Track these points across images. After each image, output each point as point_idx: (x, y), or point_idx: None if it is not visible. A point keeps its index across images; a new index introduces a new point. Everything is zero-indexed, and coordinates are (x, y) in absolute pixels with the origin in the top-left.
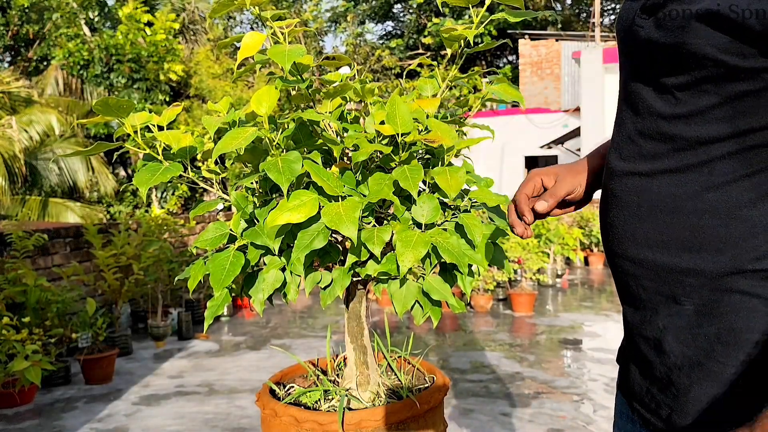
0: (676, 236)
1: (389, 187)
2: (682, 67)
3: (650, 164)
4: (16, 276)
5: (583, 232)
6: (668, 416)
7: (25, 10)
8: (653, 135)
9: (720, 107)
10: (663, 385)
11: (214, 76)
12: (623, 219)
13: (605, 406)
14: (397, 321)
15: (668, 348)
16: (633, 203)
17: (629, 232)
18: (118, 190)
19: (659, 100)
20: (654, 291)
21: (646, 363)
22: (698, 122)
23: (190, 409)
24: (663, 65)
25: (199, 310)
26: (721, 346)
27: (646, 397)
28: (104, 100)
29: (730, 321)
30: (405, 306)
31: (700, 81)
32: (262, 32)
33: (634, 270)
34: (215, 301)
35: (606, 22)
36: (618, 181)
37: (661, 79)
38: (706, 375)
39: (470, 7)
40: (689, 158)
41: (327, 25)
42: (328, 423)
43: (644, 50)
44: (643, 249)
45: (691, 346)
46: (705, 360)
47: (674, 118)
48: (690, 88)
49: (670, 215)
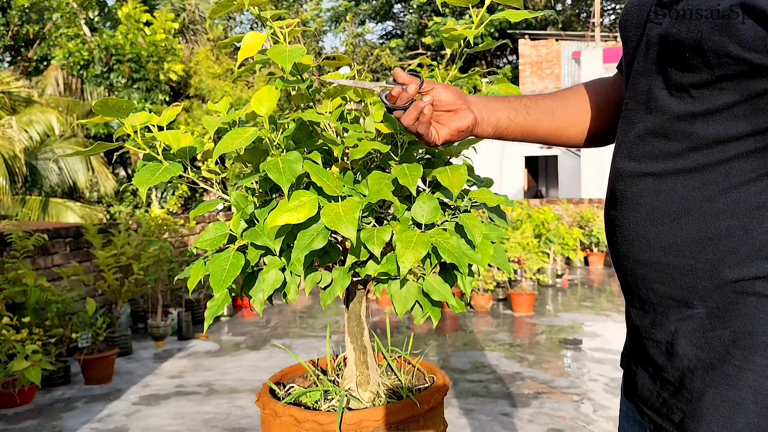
0: (692, 238)
1: (389, 186)
2: (700, 65)
3: (664, 164)
4: (16, 276)
5: (583, 232)
6: (681, 420)
7: (25, 10)
8: (667, 134)
9: (740, 105)
10: (675, 389)
11: (214, 76)
12: (634, 221)
13: (605, 406)
14: (397, 321)
15: (681, 351)
16: (645, 205)
17: (640, 235)
18: (118, 190)
19: (674, 99)
20: (664, 294)
21: (655, 367)
22: (716, 120)
23: (190, 409)
24: (679, 63)
25: (199, 310)
26: (736, 349)
27: (657, 402)
28: (104, 101)
29: (746, 324)
30: (405, 306)
31: (720, 79)
32: (262, 32)
33: (644, 273)
34: (215, 302)
35: (606, 22)
36: (628, 182)
37: (676, 77)
38: (722, 378)
39: (470, 7)
40: (706, 157)
41: (327, 25)
42: (328, 423)
43: (659, 47)
44: (655, 251)
45: (705, 349)
46: (720, 363)
47: (690, 116)
48: (708, 86)
49: (685, 216)
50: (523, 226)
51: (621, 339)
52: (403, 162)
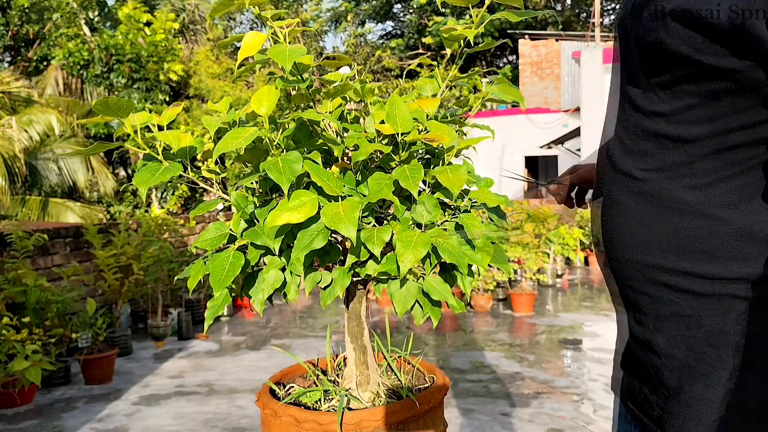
0: (662, 237)
1: (389, 186)
2: (663, 65)
3: (637, 163)
4: (16, 276)
5: (583, 232)
6: (659, 417)
7: (25, 10)
8: (638, 133)
9: (699, 107)
10: (653, 385)
11: (214, 76)
12: (611, 219)
13: (605, 406)
14: (397, 321)
15: (659, 349)
16: (621, 203)
17: (617, 233)
18: (118, 190)
19: (644, 98)
20: (641, 292)
21: (638, 364)
22: (680, 121)
23: (190, 409)
24: (647, 63)
25: (199, 310)
26: (710, 349)
27: (638, 397)
28: (104, 100)
29: (719, 324)
30: (405, 306)
31: (679, 80)
32: (262, 32)
33: (622, 271)
34: (215, 302)
35: (606, 22)
36: (609, 179)
37: (647, 78)
38: (697, 377)
39: (470, 7)
40: (673, 157)
41: (327, 25)
42: (328, 423)
43: (632, 49)
44: (629, 250)
45: (681, 348)
46: (695, 362)
47: (657, 116)
48: (671, 87)
49: (655, 215)
50: (523, 226)
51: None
52: (404, 163)
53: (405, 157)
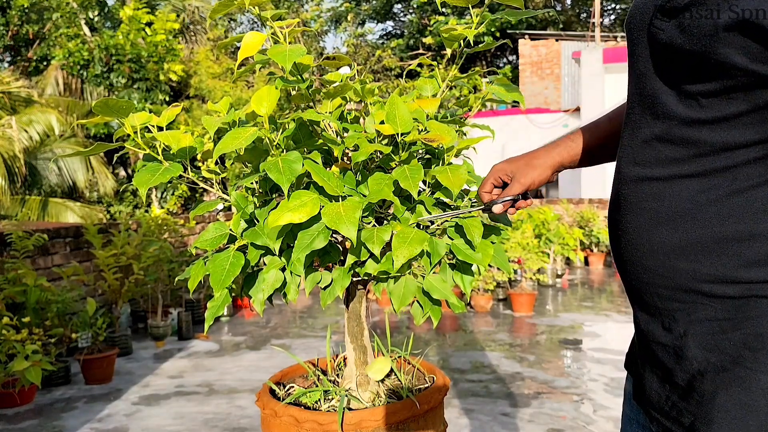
0: (697, 242)
1: (389, 187)
2: (708, 74)
3: (669, 169)
4: (16, 276)
5: (583, 232)
6: (691, 424)
7: (25, 10)
8: (674, 140)
9: (749, 114)
10: (684, 392)
11: (214, 76)
12: (638, 225)
13: (605, 406)
14: (397, 321)
15: (690, 354)
16: (649, 209)
17: (644, 239)
18: (118, 190)
19: (681, 105)
20: (671, 298)
21: (664, 370)
22: (724, 128)
23: (190, 409)
24: (686, 71)
25: (199, 310)
26: (748, 352)
27: (666, 405)
28: (104, 101)
29: (757, 326)
30: (403, 302)
31: (728, 89)
32: (262, 32)
33: (648, 278)
34: (215, 302)
35: (606, 22)
36: (632, 186)
37: (684, 85)
38: (733, 381)
39: (470, 7)
40: (712, 163)
41: (328, 25)
42: (328, 423)
43: (664, 54)
44: (659, 256)
45: (716, 352)
46: (731, 366)
47: (698, 123)
48: (717, 95)
49: (691, 221)
50: (523, 226)
51: (621, 339)
52: (404, 163)
53: (405, 158)
